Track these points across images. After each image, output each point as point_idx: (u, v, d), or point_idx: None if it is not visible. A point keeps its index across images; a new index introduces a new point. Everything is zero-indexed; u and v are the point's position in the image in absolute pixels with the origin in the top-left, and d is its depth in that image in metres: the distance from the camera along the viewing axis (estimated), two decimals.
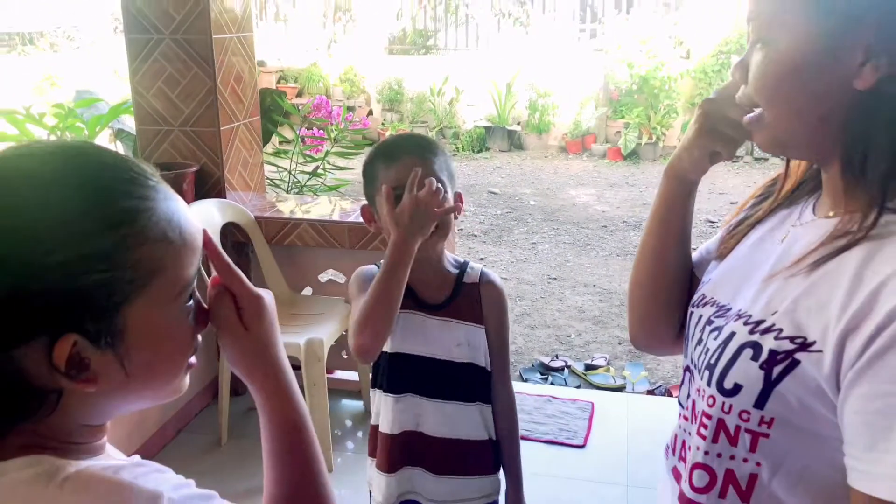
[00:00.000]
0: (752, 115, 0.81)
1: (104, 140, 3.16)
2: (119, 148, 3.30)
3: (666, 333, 1.00)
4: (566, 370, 3.54)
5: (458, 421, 1.41)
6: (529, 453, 1.63)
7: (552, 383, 3.41)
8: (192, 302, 0.68)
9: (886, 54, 0.70)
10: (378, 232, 1.40)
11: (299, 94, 9.67)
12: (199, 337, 0.71)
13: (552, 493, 2.44)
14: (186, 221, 0.66)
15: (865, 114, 0.72)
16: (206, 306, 0.72)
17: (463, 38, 10.74)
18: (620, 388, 3.35)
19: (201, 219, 2.62)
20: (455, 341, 1.38)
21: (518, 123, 9.28)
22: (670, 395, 3.29)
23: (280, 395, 0.75)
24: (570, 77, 8.92)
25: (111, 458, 0.68)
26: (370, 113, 9.59)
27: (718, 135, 0.87)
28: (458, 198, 1.39)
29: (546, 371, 3.54)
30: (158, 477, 0.61)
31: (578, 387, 3.36)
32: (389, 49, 10.62)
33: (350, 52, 9.92)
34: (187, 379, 0.70)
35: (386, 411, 1.41)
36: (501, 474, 1.49)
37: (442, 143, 1.42)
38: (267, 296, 0.76)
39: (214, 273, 0.75)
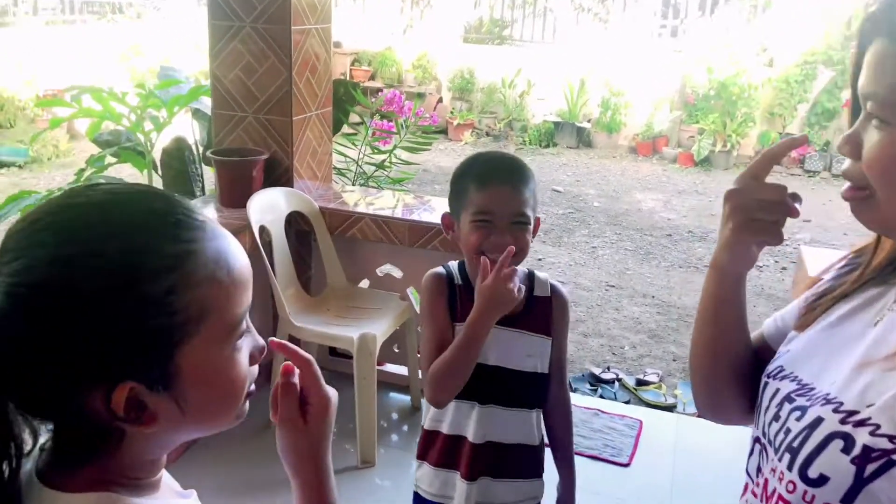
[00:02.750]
0: (860, 192, 0.76)
1: (182, 118, 3.25)
2: (195, 127, 3.38)
3: (734, 409, 0.97)
4: (617, 383, 3.49)
5: (522, 427, 1.48)
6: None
7: (601, 395, 3.37)
8: (244, 337, 0.69)
9: None
10: (455, 241, 1.46)
11: (372, 78, 9.76)
12: (256, 368, 0.72)
13: None
14: (234, 258, 0.66)
15: None
16: (260, 340, 0.73)
17: (539, 31, 10.62)
18: (671, 408, 3.29)
19: (268, 207, 2.67)
20: (525, 352, 1.45)
21: (588, 120, 9.15)
22: None
23: (319, 491, 0.79)
24: (646, 77, 8.73)
25: (170, 492, 0.71)
26: (440, 100, 9.60)
27: (758, 224, 0.82)
28: (537, 222, 1.45)
29: (596, 382, 3.50)
30: None
31: (628, 401, 3.31)
32: (464, 37, 10.58)
33: (425, 39, 9.93)
34: (247, 405, 0.72)
35: (466, 420, 1.45)
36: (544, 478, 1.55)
37: (530, 169, 1.45)
38: (334, 396, 0.79)
39: (286, 361, 0.78)
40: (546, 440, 1.54)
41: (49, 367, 0.59)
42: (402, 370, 3.05)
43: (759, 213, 0.82)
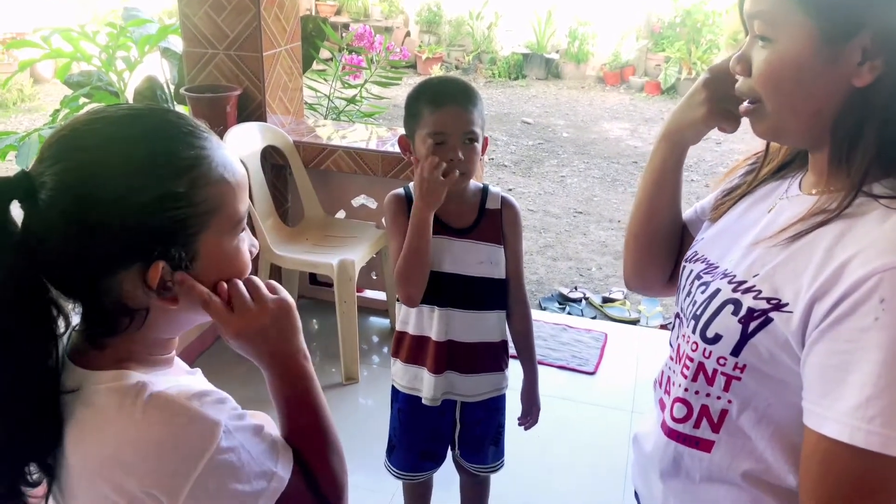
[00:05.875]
0: (750, 105, 0.88)
1: (151, 58, 3.28)
2: (165, 66, 3.42)
3: (656, 279, 1.13)
4: (584, 301, 3.69)
5: (481, 327, 1.63)
6: (542, 377, 1.80)
7: (569, 313, 3.56)
8: (244, 232, 0.82)
9: (883, 55, 0.77)
10: (412, 162, 1.57)
11: (338, 12, 9.62)
12: (250, 262, 0.85)
13: (562, 414, 2.62)
14: (236, 165, 0.80)
15: (859, 109, 0.80)
16: (254, 238, 0.86)
17: None
18: (635, 322, 3.50)
19: (243, 142, 2.76)
20: (477, 259, 1.59)
21: (556, 52, 9.17)
22: None
23: (276, 371, 0.84)
24: (613, 6, 8.74)
25: (180, 370, 0.84)
26: (408, 34, 9.53)
27: (728, 113, 0.96)
28: (485, 141, 1.57)
29: (564, 301, 3.69)
30: (220, 406, 0.75)
31: (594, 318, 3.51)
32: None
33: None
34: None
35: (428, 322, 1.61)
36: (507, 372, 1.71)
37: (477, 91, 1.53)
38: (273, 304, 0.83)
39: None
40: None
41: (93, 249, 0.71)
42: (380, 295, 3.20)
43: (731, 105, 0.95)
